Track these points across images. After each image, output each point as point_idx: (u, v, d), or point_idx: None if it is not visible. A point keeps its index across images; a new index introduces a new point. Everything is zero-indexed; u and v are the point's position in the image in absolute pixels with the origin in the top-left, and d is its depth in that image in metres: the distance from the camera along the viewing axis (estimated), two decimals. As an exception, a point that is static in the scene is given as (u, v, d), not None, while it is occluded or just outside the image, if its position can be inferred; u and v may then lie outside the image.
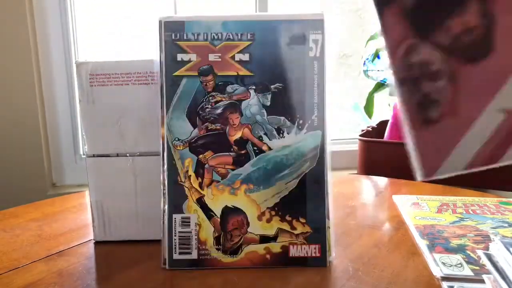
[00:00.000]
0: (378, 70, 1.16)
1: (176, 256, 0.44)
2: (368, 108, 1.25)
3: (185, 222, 0.44)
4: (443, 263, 0.44)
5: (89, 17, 1.29)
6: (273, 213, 0.45)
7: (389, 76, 0.22)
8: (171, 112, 0.44)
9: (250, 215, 0.45)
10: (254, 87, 0.44)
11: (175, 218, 0.44)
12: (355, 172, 1.16)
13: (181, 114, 0.44)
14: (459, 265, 0.43)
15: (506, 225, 0.54)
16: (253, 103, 0.44)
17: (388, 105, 1.18)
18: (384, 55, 0.22)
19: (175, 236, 0.44)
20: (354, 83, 1.56)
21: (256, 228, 0.45)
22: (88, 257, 0.48)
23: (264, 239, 0.45)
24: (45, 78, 1.24)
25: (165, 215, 0.44)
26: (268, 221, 0.45)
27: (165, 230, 0.44)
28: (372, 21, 1.51)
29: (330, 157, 0.45)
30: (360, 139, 1.09)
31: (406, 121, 0.22)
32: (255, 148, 0.45)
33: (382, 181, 0.79)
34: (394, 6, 0.21)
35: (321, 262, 0.45)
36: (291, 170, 0.45)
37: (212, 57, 0.44)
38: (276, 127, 0.45)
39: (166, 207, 0.44)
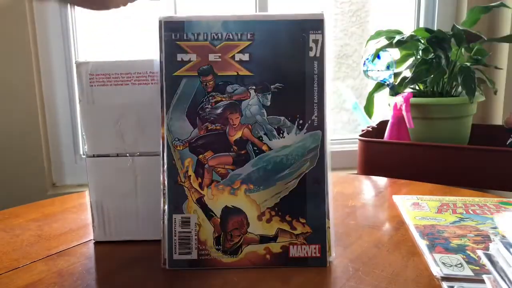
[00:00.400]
0: (378, 70, 1.16)
1: (176, 256, 0.44)
2: (368, 108, 1.25)
3: (185, 222, 0.44)
4: (443, 263, 0.44)
5: (89, 17, 1.29)
6: (273, 213, 0.45)
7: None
8: (171, 112, 0.44)
9: (250, 215, 0.45)
10: (254, 87, 0.44)
11: (175, 218, 0.44)
12: (355, 172, 1.16)
13: (181, 114, 0.44)
14: (459, 265, 0.43)
15: (506, 225, 0.54)
16: (253, 103, 0.44)
17: (388, 105, 1.18)
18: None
19: (175, 236, 0.44)
20: (354, 83, 1.56)
21: (256, 228, 0.45)
22: (88, 257, 0.48)
23: (264, 239, 0.45)
24: (45, 78, 1.24)
25: (165, 215, 0.44)
26: (268, 221, 0.45)
27: (165, 230, 0.44)
28: (372, 21, 1.51)
29: (330, 157, 0.45)
30: (360, 139, 1.09)
31: None
32: (255, 148, 0.45)
33: (382, 181, 0.79)
34: None
35: (321, 262, 0.45)
36: (291, 170, 0.45)
37: (212, 57, 0.44)
38: (276, 127, 0.45)
39: (166, 207, 0.44)
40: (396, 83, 1.16)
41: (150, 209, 0.51)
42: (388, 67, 1.14)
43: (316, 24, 0.44)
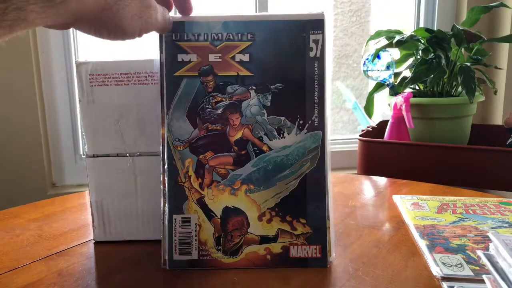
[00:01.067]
0: (378, 70, 1.16)
1: (176, 256, 0.44)
2: (368, 108, 1.25)
3: (186, 222, 0.44)
4: (443, 263, 0.44)
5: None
6: (273, 213, 0.45)
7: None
8: (171, 112, 0.44)
9: (251, 216, 0.45)
10: (254, 87, 0.44)
11: (175, 219, 0.44)
12: (355, 172, 1.16)
13: (181, 115, 0.44)
14: (459, 265, 0.43)
15: (506, 225, 0.54)
16: (253, 104, 0.44)
17: (388, 105, 1.18)
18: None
19: (175, 236, 0.44)
20: (354, 83, 1.56)
21: (257, 228, 0.45)
22: (88, 257, 0.48)
23: (264, 239, 0.45)
24: (45, 78, 1.24)
25: (165, 216, 0.44)
26: (269, 221, 0.45)
27: (165, 230, 0.44)
28: (372, 21, 1.51)
29: (330, 157, 0.45)
30: (360, 139, 1.09)
31: None
32: (256, 148, 0.45)
33: (382, 181, 0.79)
34: None
35: (321, 262, 0.45)
36: (292, 171, 0.45)
37: (212, 58, 0.44)
38: (276, 127, 0.45)
39: (167, 207, 0.44)
40: (396, 83, 1.16)
41: (150, 209, 0.51)
42: (388, 67, 1.14)
43: (316, 24, 0.44)
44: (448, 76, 1.10)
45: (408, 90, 1.14)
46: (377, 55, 1.15)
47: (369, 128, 1.19)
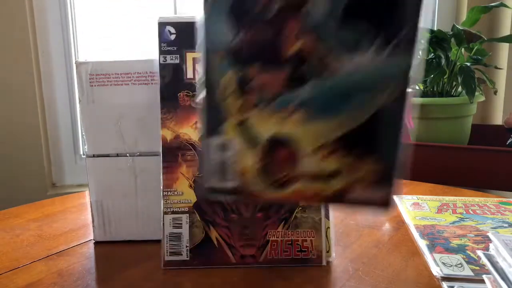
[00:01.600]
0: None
1: (214, 182, 0.36)
2: (368, 108, 1.25)
3: (223, 146, 0.35)
4: (443, 263, 0.44)
5: (89, 17, 1.29)
6: (333, 147, 0.35)
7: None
8: (208, 8, 0.33)
9: (304, 148, 0.35)
10: None
11: (211, 142, 0.35)
12: (355, 172, 1.16)
13: (220, 13, 0.33)
14: (459, 265, 0.43)
15: (506, 225, 0.54)
16: (320, 6, 0.32)
17: (388, 105, 1.18)
18: None
19: (211, 162, 0.36)
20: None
21: (310, 163, 0.35)
22: (88, 257, 0.48)
23: (318, 177, 0.36)
24: (45, 78, 1.24)
25: (201, 142, 0.36)
26: (326, 157, 0.35)
27: (200, 157, 0.37)
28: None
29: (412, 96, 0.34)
30: (360, 139, 1.09)
31: None
32: (318, 66, 0.33)
33: (382, 181, 0.79)
34: None
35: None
36: (362, 100, 0.34)
37: None
38: (348, 42, 0.33)
39: (202, 127, 0.35)
40: (396, 83, 1.16)
41: (150, 209, 0.51)
42: (388, 67, 1.14)
43: None
44: (448, 76, 1.10)
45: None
46: (377, 55, 1.15)
47: (369, 128, 1.18)
